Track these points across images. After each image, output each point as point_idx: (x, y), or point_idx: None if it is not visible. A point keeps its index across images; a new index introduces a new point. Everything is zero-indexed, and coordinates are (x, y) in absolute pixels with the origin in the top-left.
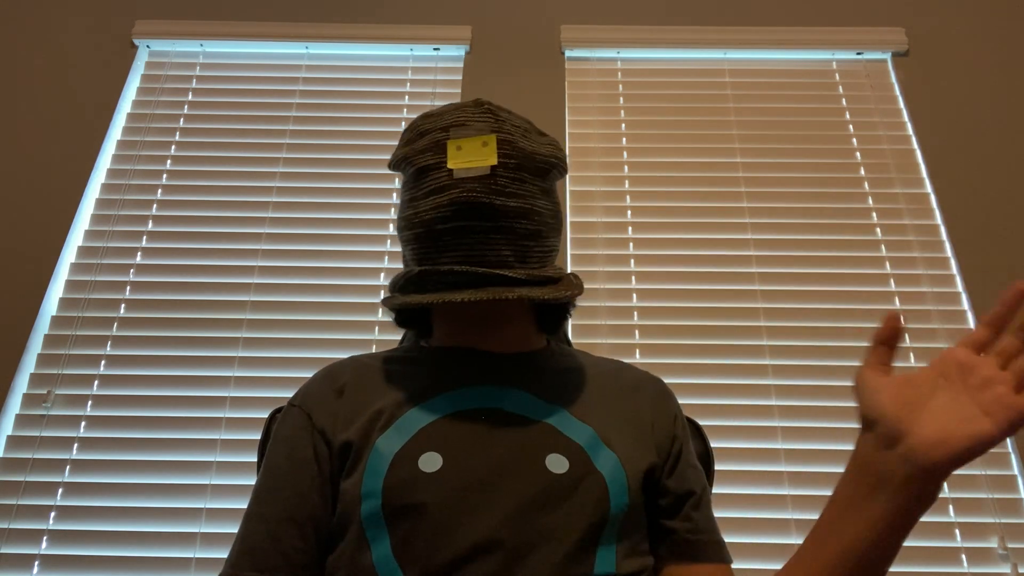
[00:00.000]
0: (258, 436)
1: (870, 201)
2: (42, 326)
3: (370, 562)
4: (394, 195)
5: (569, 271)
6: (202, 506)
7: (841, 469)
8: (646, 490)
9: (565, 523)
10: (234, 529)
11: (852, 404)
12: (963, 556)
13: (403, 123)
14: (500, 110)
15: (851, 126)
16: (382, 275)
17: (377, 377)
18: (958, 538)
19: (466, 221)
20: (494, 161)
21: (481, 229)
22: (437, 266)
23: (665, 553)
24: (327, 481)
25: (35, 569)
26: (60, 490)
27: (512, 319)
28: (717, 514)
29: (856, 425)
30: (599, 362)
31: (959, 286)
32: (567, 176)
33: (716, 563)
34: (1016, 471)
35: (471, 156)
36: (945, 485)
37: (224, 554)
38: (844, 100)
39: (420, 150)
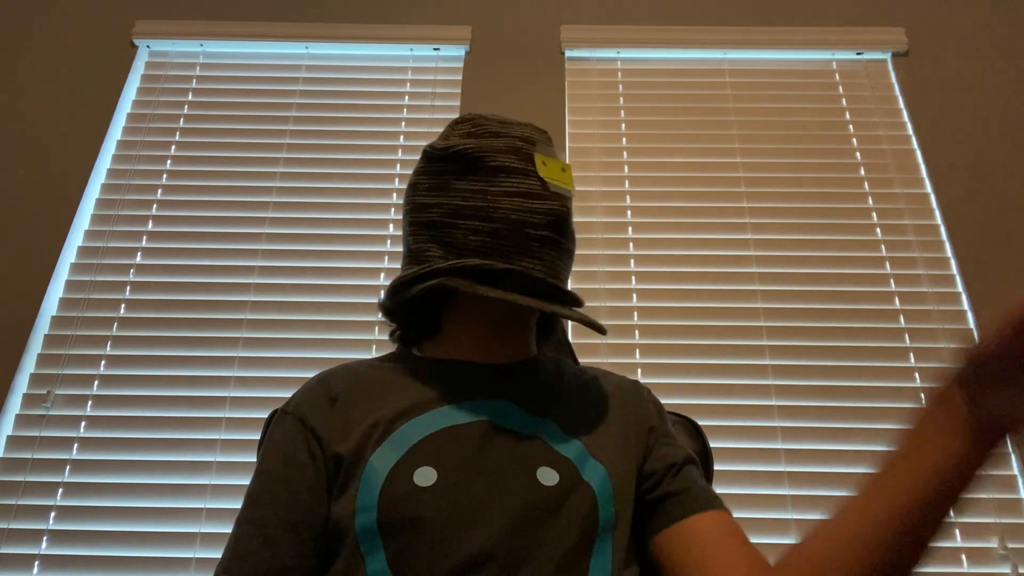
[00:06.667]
0: (258, 436)
1: (870, 201)
2: (42, 326)
3: None
4: (394, 195)
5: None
6: (202, 506)
7: (841, 469)
8: (636, 498)
9: (557, 533)
10: None
11: (852, 404)
12: (963, 556)
13: (403, 123)
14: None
15: (851, 126)
16: (382, 275)
17: (370, 388)
18: (958, 538)
19: (555, 234)
20: (573, 187)
21: (561, 246)
22: (523, 269)
23: (651, 529)
24: (323, 482)
25: (35, 569)
26: (60, 490)
27: (524, 330)
28: None
29: (857, 425)
30: (580, 372)
31: (959, 286)
32: None
33: (698, 512)
34: (1016, 471)
35: (556, 175)
36: None
37: None
38: (844, 100)
39: (499, 149)
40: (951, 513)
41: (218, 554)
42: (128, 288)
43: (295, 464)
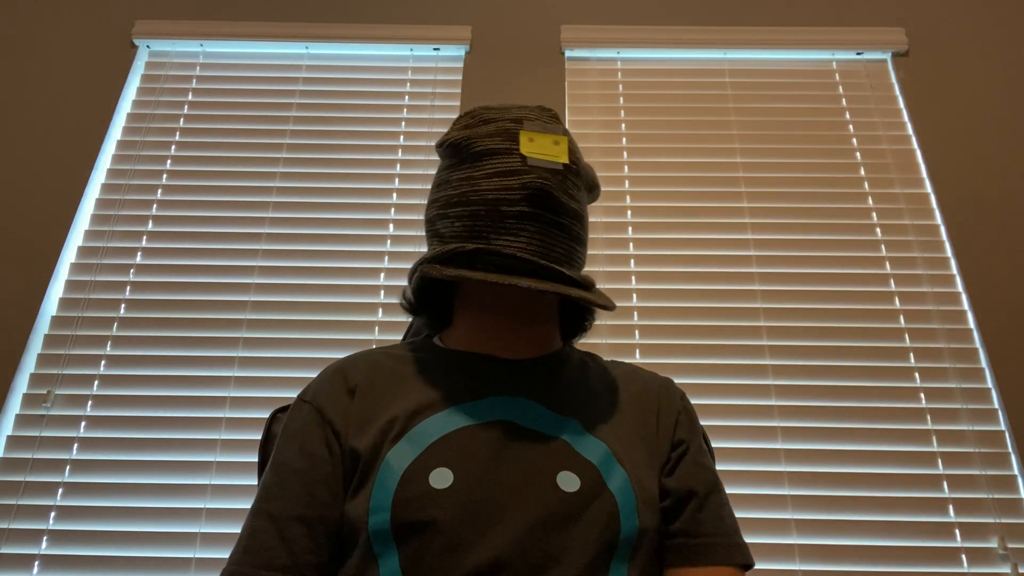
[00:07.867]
0: (258, 436)
1: (870, 201)
2: (42, 326)
3: None
4: (394, 195)
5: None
6: (202, 506)
7: (841, 469)
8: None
9: (576, 544)
10: (234, 529)
11: (852, 404)
12: (963, 556)
13: (403, 123)
14: (560, 120)
15: (851, 126)
16: (382, 275)
17: (390, 380)
18: (958, 538)
19: (533, 208)
20: (566, 159)
21: (546, 220)
22: (499, 247)
23: (666, 560)
24: (339, 477)
25: (35, 569)
26: (60, 490)
27: (540, 319)
28: None
29: (857, 425)
30: (611, 367)
31: (959, 286)
32: None
33: (714, 566)
34: (1016, 471)
35: (544, 149)
36: (945, 485)
37: (224, 554)
38: (844, 100)
39: (486, 134)
40: None
41: (219, 554)
42: (128, 288)
43: (311, 456)
